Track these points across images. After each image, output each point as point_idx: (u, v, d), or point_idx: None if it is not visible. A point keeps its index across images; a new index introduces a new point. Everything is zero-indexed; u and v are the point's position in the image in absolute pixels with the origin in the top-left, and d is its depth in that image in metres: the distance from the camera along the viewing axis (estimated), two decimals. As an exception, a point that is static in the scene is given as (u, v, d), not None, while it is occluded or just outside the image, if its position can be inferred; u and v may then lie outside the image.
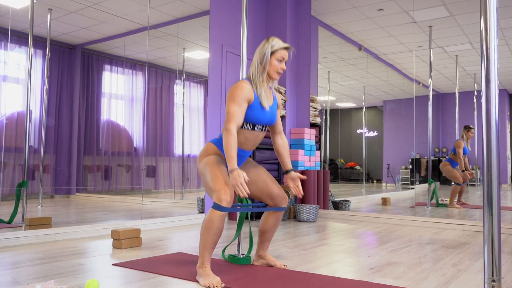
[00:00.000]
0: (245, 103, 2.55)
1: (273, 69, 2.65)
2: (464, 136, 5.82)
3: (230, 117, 2.49)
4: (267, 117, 2.67)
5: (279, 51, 2.64)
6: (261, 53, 2.65)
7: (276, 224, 2.84)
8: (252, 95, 2.59)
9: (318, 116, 6.39)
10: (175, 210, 5.59)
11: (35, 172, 4.33)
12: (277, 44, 2.65)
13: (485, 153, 1.76)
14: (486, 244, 1.75)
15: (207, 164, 2.62)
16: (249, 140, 2.68)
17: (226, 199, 2.42)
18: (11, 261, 2.87)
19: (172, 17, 5.38)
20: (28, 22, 4.01)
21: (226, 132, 2.47)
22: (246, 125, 2.62)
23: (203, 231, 2.46)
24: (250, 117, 2.60)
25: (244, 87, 2.56)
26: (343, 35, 6.57)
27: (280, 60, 2.65)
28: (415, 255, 3.30)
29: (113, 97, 5.34)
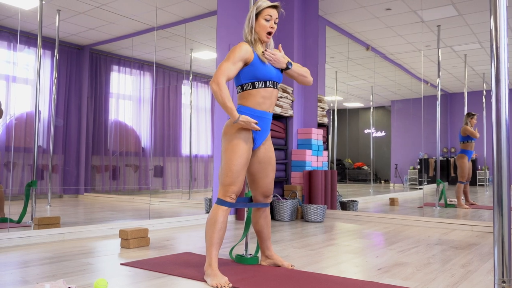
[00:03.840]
0: (240, 63, 2.57)
1: (262, 29, 2.66)
2: (468, 124, 5.77)
3: (222, 71, 2.51)
4: (273, 71, 2.68)
5: (265, 10, 2.65)
6: (249, 14, 2.69)
7: (266, 222, 2.86)
8: (252, 54, 2.61)
9: (325, 116, 6.37)
10: (182, 210, 5.60)
11: (43, 172, 4.36)
12: (262, 4, 2.67)
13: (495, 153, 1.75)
14: (496, 244, 1.73)
15: (228, 147, 2.58)
16: (266, 99, 2.67)
17: (231, 196, 2.51)
18: (20, 260, 2.89)
19: (179, 18, 5.39)
20: (36, 23, 4.03)
21: (216, 86, 2.48)
22: (258, 83, 2.63)
23: (208, 227, 2.52)
24: (257, 73, 2.62)
25: (243, 46, 2.59)
26: (350, 34, 6.55)
27: (268, 19, 2.65)
28: (423, 255, 3.28)
29: (121, 97, 5.36)
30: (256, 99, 2.64)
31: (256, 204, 2.82)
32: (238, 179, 2.53)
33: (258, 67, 2.61)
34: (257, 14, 2.67)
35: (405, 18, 5.95)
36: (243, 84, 2.65)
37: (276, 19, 2.69)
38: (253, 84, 2.63)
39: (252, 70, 2.61)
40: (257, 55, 2.64)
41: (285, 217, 5.24)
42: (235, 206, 2.66)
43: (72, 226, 3.87)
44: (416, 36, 5.99)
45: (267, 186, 2.80)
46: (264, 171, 2.77)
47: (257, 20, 2.67)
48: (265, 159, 2.76)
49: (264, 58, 2.64)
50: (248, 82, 2.63)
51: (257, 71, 2.61)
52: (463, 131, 5.81)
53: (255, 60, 2.62)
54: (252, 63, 2.61)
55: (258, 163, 2.74)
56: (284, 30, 6.25)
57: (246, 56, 2.59)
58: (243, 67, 2.62)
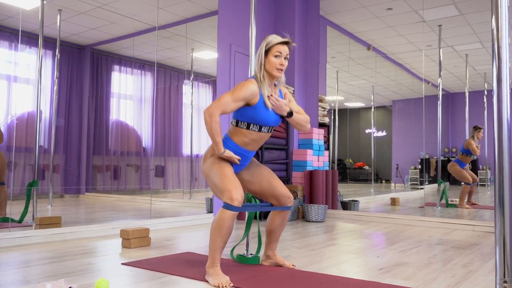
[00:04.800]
0: (242, 102, 2.53)
1: (271, 66, 2.60)
2: (474, 137, 5.77)
3: (220, 104, 2.48)
4: (272, 118, 2.64)
5: (274, 47, 2.59)
6: (258, 51, 2.65)
7: (282, 224, 2.83)
8: (257, 97, 2.57)
9: (326, 116, 6.37)
10: (183, 210, 5.60)
11: (45, 171, 4.36)
12: (273, 40, 2.61)
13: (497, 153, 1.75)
14: (498, 245, 1.73)
15: (213, 164, 2.59)
16: (255, 141, 2.66)
17: (238, 199, 2.41)
18: (21, 260, 2.89)
19: (180, 18, 5.39)
20: (38, 23, 4.03)
21: (209, 117, 2.46)
22: (252, 126, 2.60)
23: (214, 231, 2.45)
24: (256, 117, 2.58)
25: (250, 87, 2.53)
26: (351, 34, 6.54)
27: (277, 55, 2.59)
28: (424, 255, 3.28)
29: (122, 97, 5.36)
30: (244, 139, 2.63)
31: (276, 207, 2.78)
32: (237, 183, 2.50)
33: (259, 112, 2.58)
34: (266, 51, 2.60)
35: (406, 18, 5.95)
36: (239, 121, 2.63)
37: (287, 55, 2.63)
38: (248, 125, 2.60)
39: (253, 112, 2.57)
40: (262, 98, 2.59)
41: (286, 217, 5.24)
42: (243, 209, 2.61)
43: (73, 226, 3.87)
44: (417, 35, 5.99)
45: (277, 189, 2.74)
46: (263, 181, 2.76)
47: (266, 56, 2.60)
48: (253, 176, 2.76)
49: (268, 103, 2.59)
50: (244, 121, 2.61)
51: (256, 115, 2.58)
52: (466, 144, 5.81)
53: (258, 104, 2.57)
54: (255, 106, 2.57)
55: (248, 182, 2.76)
56: (285, 30, 6.24)
57: (251, 98, 2.55)
58: (245, 106, 2.58)
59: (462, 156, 5.89)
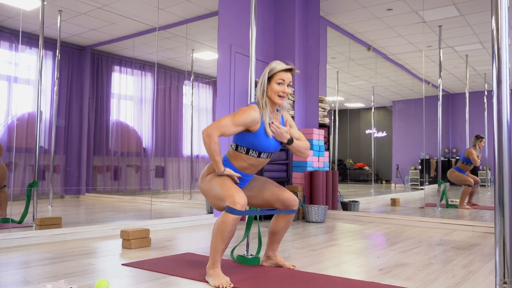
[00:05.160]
0: (242, 128, 2.52)
1: (273, 93, 2.58)
2: (476, 146, 5.77)
3: (219, 126, 2.47)
4: (272, 144, 2.64)
5: (277, 74, 2.58)
6: (261, 77, 2.64)
7: (286, 227, 2.83)
8: (258, 124, 2.56)
9: (326, 117, 6.37)
10: (183, 210, 5.60)
11: (45, 172, 4.37)
12: (276, 66, 2.60)
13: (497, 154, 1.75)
14: (498, 245, 1.73)
15: (212, 179, 2.60)
16: (253, 166, 2.67)
17: (240, 202, 2.40)
18: (22, 260, 2.90)
19: (181, 18, 5.39)
20: (38, 24, 4.04)
21: (208, 138, 2.46)
22: (252, 152, 2.61)
23: (215, 234, 2.44)
24: (256, 144, 2.58)
25: (252, 114, 2.52)
26: (351, 35, 6.55)
27: (280, 82, 2.58)
28: (424, 256, 3.28)
29: (122, 98, 5.36)
30: (243, 164, 2.64)
31: (281, 211, 2.77)
32: (239, 189, 2.50)
33: (260, 138, 2.57)
34: (270, 77, 2.60)
35: (406, 19, 5.95)
36: (238, 145, 2.63)
37: (290, 82, 2.62)
38: (247, 151, 2.60)
39: (253, 139, 2.57)
40: (263, 125, 2.58)
41: (286, 217, 5.24)
42: (247, 213, 2.62)
43: (73, 226, 3.87)
44: (418, 36, 5.99)
45: (281, 195, 2.74)
46: (264, 192, 2.76)
47: (269, 83, 2.59)
48: (253, 190, 2.77)
49: (269, 130, 2.58)
50: (243, 146, 2.61)
51: (257, 142, 2.58)
52: (467, 153, 5.83)
53: (259, 130, 2.57)
54: (255, 132, 2.56)
55: (249, 197, 2.75)
56: (286, 31, 6.25)
57: (251, 125, 2.54)
58: (245, 131, 2.58)
59: (462, 164, 5.91)
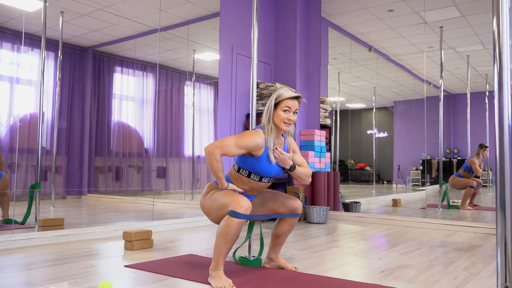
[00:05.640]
0: (244, 151, 2.54)
1: (279, 120, 2.60)
2: (479, 155, 5.78)
3: (222, 145, 2.49)
4: (274, 170, 2.65)
5: (284, 101, 2.60)
6: (268, 103, 2.66)
7: (289, 230, 2.84)
8: (261, 150, 2.58)
9: (328, 118, 6.37)
10: (185, 211, 5.61)
11: (47, 173, 4.38)
12: (284, 94, 2.62)
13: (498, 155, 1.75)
14: (499, 247, 1.73)
15: (213, 193, 2.61)
16: (254, 190, 2.71)
17: (244, 206, 2.41)
18: (25, 262, 2.91)
19: (182, 19, 5.40)
20: (40, 25, 4.05)
21: (210, 155, 2.48)
22: (253, 176, 2.63)
23: (219, 237, 2.45)
24: (258, 168, 2.60)
25: (257, 140, 2.53)
26: (353, 36, 6.55)
27: (286, 110, 2.59)
28: (426, 258, 3.28)
29: (124, 98, 5.37)
30: (244, 187, 2.67)
31: (285, 215, 2.79)
32: (242, 195, 2.52)
33: (262, 164, 2.59)
34: (276, 104, 2.62)
35: (407, 20, 5.95)
36: (240, 168, 2.65)
37: (296, 110, 2.64)
38: (249, 174, 2.63)
39: (256, 163, 2.59)
40: (267, 150, 2.59)
41: (287, 218, 5.24)
42: (250, 217, 2.64)
43: (76, 227, 3.88)
44: (419, 37, 5.99)
45: (286, 201, 2.76)
46: (266, 202, 2.78)
47: (275, 109, 2.61)
48: (254, 202, 2.78)
49: (272, 157, 2.59)
50: (245, 169, 2.63)
51: (259, 167, 2.59)
52: (469, 162, 5.83)
53: (262, 156, 2.59)
54: (258, 158, 2.58)
55: (253, 211, 2.76)
56: (287, 32, 6.25)
57: (254, 149, 2.55)
58: (248, 155, 2.60)
59: (464, 172, 5.91)
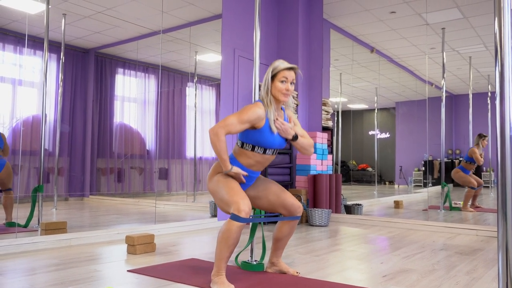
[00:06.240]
0: (247, 124, 2.57)
1: (277, 91, 2.64)
2: (479, 145, 5.77)
3: (225, 124, 2.53)
4: (277, 141, 2.68)
5: (280, 72, 2.64)
6: (265, 76, 2.70)
7: (290, 233, 2.85)
8: (263, 120, 2.61)
9: (330, 120, 6.37)
10: (187, 213, 5.62)
11: (49, 175, 4.39)
12: (279, 65, 2.66)
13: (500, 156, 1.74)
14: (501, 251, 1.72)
15: (219, 181, 2.63)
16: (259, 163, 2.71)
17: (245, 210, 2.44)
18: (28, 267, 2.92)
19: (184, 21, 5.41)
20: (43, 27, 4.06)
21: (215, 136, 2.52)
22: (257, 148, 2.65)
23: (220, 241, 2.47)
24: (261, 141, 2.63)
25: (257, 111, 2.57)
26: (355, 37, 6.55)
27: (283, 80, 2.64)
28: (428, 261, 3.29)
29: (126, 100, 5.38)
30: (249, 161, 2.68)
31: (286, 218, 2.80)
32: (244, 195, 2.53)
33: (265, 135, 2.62)
34: (273, 76, 2.66)
35: (409, 21, 5.95)
36: (244, 143, 2.68)
37: (293, 80, 2.68)
38: (252, 147, 2.65)
39: (258, 136, 2.62)
40: (268, 122, 2.63)
41: (289, 220, 5.25)
42: (251, 221, 2.65)
43: (78, 231, 3.90)
44: (421, 38, 5.99)
45: (286, 200, 2.78)
46: (270, 195, 2.79)
47: (273, 82, 2.66)
48: (259, 191, 2.80)
49: (274, 127, 2.63)
50: (249, 143, 2.66)
51: (262, 139, 2.62)
52: (470, 153, 5.82)
53: (264, 127, 2.62)
54: (260, 129, 2.61)
55: (255, 198, 2.79)
56: (289, 34, 6.25)
57: (256, 121, 2.59)
58: (251, 129, 2.63)
59: (466, 164, 5.90)
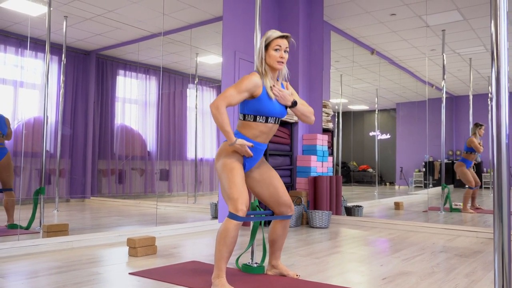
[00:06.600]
0: (246, 93, 2.62)
1: (272, 59, 2.70)
2: (476, 134, 5.78)
3: (225, 97, 2.57)
4: (277, 108, 2.72)
5: (274, 41, 2.69)
6: (259, 46, 2.75)
7: (284, 233, 2.88)
8: (260, 88, 2.66)
9: (330, 122, 6.39)
10: (188, 215, 5.64)
11: (51, 176, 4.42)
12: (272, 34, 2.71)
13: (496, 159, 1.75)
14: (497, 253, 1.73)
15: (224, 165, 2.64)
16: (263, 133, 2.73)
17: (242, 209, 2.49)
18: (30, 269, 2.94)
19: (185, 23, 5.43)
20: (44, 29, 4.08)
21: (216, 109, 2.54)
22: (259, 118, 2.68)
23: (219, 241, 2.51)
24: (261, 109, 2.66)
25: (253, 79, 2.63)
26: (355, 39, 6.56)
27: (277, 48, 2.69)
28: (428, 264, 3.30)
29: (127, 101, 5.40)
30: (253, 131, 2.70)
31: (277, 217, 2.84)
32: (244, 192, 2.57)
33: (264, 103, 2.66)
34: (266, 45, 2.70)
35: (409, 23, 5.97)
36: (246, 114, 2.70)
37: (287, 48, 2.72)
38: (254, 117, 2.68)
39: (257, 104, 2.65)
40: (265, 89, 2.67)
41: (290, 223, 5.25)
42: (248, 219, 2.68)
43: (80, 234, 3.92)
44: (421, 40, 6.01)
45: (282, 198, 2.81)
46: (270, 186, 2.81)
47: (267, 51, 2.70)
48: (263, 176, 2.82)
49: (271, 93, 2.67)
50: (250, 114, 2.68)
51: (261, 106, 2.66)
52: (468, 142, 5.82)
53: (262, 95, 2.66)
54: (259, 97, 2.65)
55: (257, 182, 2.81)
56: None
57: (254, 89, 2.63)
58: (249, 98, 2.66)
59: (466, 154, 5.89)
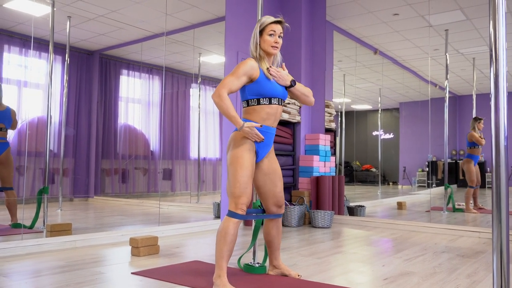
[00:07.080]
0: (244, 77, 2.65)
1: (266, 44, 2.73)
2: (475, 128, 5.76)
3: (224, 84, 2.59)
4: (278, 89, 2.74)
5: (268, 26, 2.73)
6: (253, 32, 2.78)
7: (278, 233, 2.90)
8: (257, 70, 2.68)
9: (333, 122, 6.39)
10: (191, 214, 5.66)
11: (54, 175, 4.44)
12: (266, 20, 2.75)
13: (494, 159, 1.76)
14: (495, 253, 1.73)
15: (234, 160, 2.63)
16: (270, 115, 2.73)
17: (242, 208, 2.54)
18: (33, 269, 2.96)
19: (188, 23, 5.44)
20: (48, 29, 4.10)
21: (218, 97, 2.56)
22: (263, 100, 2.70)
23: (219, 240, 2.54)
24: (262, 90, 2.68)
25: (248, 62, 2.66)
26: (358, 39, 6.56)
27: (271, 34, 2.72)
28: (430, 264, 3.31)
29: (130, 101, 5.42)
30: (260, 115, 2.70)
31: (269, 215, 2.86)
32: (247, 190, 2.59)
33: (263, 84, 2.68)
34: (261, 31, 2.74)
35: (412, 23, 5.95)
36: (249, 100, 2.72)
37: (281, 33, 2.76)
38: (258, 100, 2.70)
39: (258, 86, 2.68)
40: (262, 71, 2.70)
41: (292, 223, 5.28)
42: (247, 218, 2.69)
43: (83, 233, 3.94)
44: (424, 40, 6.00)
45: (277, 196, 2.84)
46: (272, 182, 2.82)
47: (261, 36, 2.74)
48: (270, 170, 2.82)
49: (269, 74, 2.70)
50: (253, 98, 2.70)
51: (262, 88, 2.68)
52: (469, 137, 5.81)
53: (260, 77, 2.68)
54: (257, 80, 2.68)
55: (263, 175, 2.81)
56: (292, 36, 6.27)
57: (251, 72, 2.65)
58: (249, 83, 2.69)
59: (470, 149, 5.88)
